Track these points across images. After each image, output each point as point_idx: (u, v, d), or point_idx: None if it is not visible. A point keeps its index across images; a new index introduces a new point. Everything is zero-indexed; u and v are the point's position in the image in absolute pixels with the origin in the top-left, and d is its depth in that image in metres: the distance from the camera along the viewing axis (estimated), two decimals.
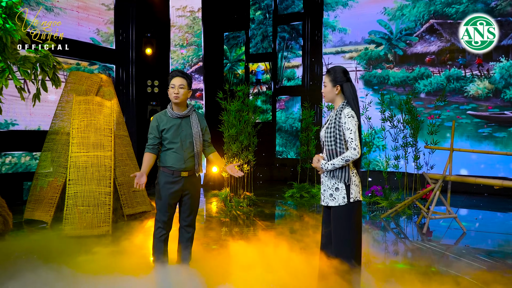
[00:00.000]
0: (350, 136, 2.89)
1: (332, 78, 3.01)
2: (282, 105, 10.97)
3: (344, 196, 2.92)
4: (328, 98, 3.04)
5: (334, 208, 2.96)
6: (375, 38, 9.83)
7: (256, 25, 11.18)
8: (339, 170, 2.92)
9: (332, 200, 2.96)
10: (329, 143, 2.95)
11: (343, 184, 2.93)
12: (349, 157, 2.86)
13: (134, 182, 3.39)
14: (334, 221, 2.95)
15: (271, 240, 4.68)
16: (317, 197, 8.17)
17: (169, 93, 3.51)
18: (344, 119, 2.91)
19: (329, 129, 2.97)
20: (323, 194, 3.05)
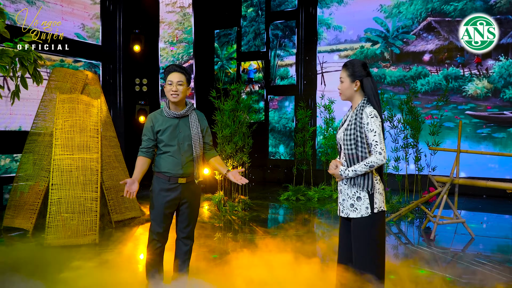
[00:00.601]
0: (374, 139, 2.56)
1: (350, 72, 2.67)
2: (275, 104, 10.65)
3: (368, 206, 2.59)
4: (346, 95, 2.70)
5: (355, 220, 2.62)
6: (371, 36, 9.57)
7: (248, 22, 10.84)
8: (361, 177, 2.59)
9: (354, 211, 2.63)
10: (348, 147, 2.62)
11: (366, 193, 2.60)
12: (374, 163, 2.54)
13: (124, 190, 3.02)
14: (355, 234, 2.62)
15: (274, 250, 4.36)
16: (313, 199, 7.87)
17: (166, 90, 3.14)
18: (366, 119, 2.58)
19: (348, 130, 2.64)
20: (341, 204, 2.72)
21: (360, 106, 2.64)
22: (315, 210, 7.14)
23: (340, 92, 2.73)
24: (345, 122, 2.74)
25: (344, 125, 2.73)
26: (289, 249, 4.55)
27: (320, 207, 7.36)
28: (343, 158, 2.69)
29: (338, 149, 2.80)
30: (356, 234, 2.61)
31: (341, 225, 2.76)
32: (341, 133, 2.71)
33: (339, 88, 2.73)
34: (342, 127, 2.75)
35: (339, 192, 2.76)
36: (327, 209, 7.19)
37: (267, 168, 10.46)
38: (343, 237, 2.74)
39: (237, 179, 3.14)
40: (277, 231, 5.64)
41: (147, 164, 3.16)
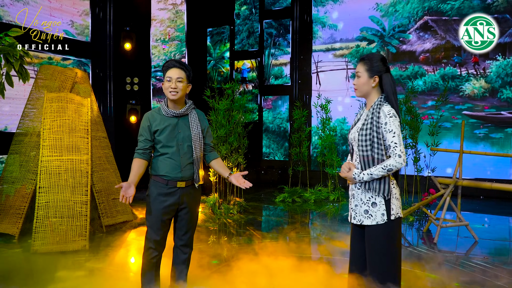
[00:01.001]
0: (393, 140, 2.37)
1: (368, 67, 2.47)
2: (269, 104, 10.46)
3: (384, 213, 2.40)
4: (362, 91, 2.51)
5: (370, 228, 2.43)
6: (367, 35, 9.42)
7: (241, 20, 10.63)
8: (376, 181, 2.40)
9: (368, 218, 2.43)
10: (363, 148, 2.43)
11: (382, 198, 2.41)
12: (393, 166, 2.35)
13: (119, 195, 2.80)
14: (370, 242, 2.43)
15: (275, 256, 4.16)
16: (310, 201, 7.69)
17: (164, 87, 2.93)
18: (384, 119, 2.39)
19: (364, 130, 2.44)
20: (353, 210, 2.52)
21: (376, 104, 2.45)
22: (313, 212, 6.96)
23: (355, 87, 2.53)
24: (359, 121, 2.55)
25: (357, 125, 2.54)
26: (291, 254, 4.37)
27: (317, 209, 7.19)
28: (356, 160, 2.50)
29: (350, 150, 2.60)
30: (371, 243, 2.42)
31: (353, 232, 2.57)
32: (354, 133, 2.51)
33: (354, 83, 2.54)
34: (355, 127, 2.56)
35: (350, 197, 2.56)
36: (324, 211, 7.02)
37: (261, 169, 10.26)
38: (356, 245, 2.54)
39: (240, 182, 2.95)
40: (276, 235, 5.44)
41: (144, 166, 2.95)
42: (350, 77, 9.56)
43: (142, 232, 5.36)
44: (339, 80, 9.66)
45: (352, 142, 2.54)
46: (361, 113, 2.60)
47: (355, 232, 2.55)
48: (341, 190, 7.94)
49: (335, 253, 4.62)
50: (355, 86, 2.54)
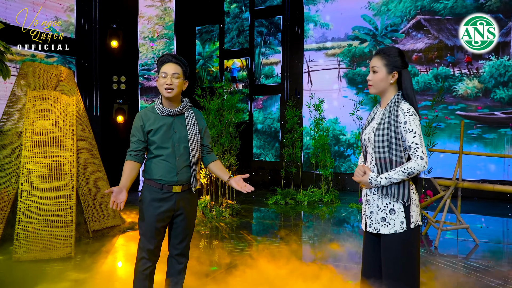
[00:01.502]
0: (414, 141, 2.17)
1: (387, 61, 2.26)
2: (260, 104, 10.26)
3: (403, 221, 2.20)
4: (378, 88, 2.31)
5: (388, 236, 2.23)
6: (359, 34, 9.29)
7: (231, 18, 10.42)
8: (395, 186, 2.21)
9: (385, 226, 2.23)
10: (380, 149, 2.23)
11: (401, 205, 2.22)
12: (414, 169, 2.16)
13: (109, 200, 2.58)
14: (387, 252, 2.23)
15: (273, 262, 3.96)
16: (303, 203, 7.51)
17: (159, 84, 2.71)
18: (403, 118, 2.20)
19: (380, 130, 2.24)
20: (368, 217, 2.32)
21: (393, 102, 2.25)
22: (307, 215, 6.78)
23: (371, 84, 2.32)
24: (373, 121, 2.36)
25: (372, 124, 2.35)
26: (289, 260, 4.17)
27: (311, 211, 7.01)
28: (371, 162, 2.31)
29: (363, 152, 2.40)
30: (388, 252, 2.23)
31: (366, 240, 2.36)
32: (369, 133, 2.31)
33: (370, 79, 2.32)
34: (369, 127, 2.36)
35: (364, 203, 2.37)
36: (318, 213, 6.85)
37: (252, 170, 10.06)
38: (369, 253, 2.34)
39: (241, 186, 2.74)
40: (271, 239, 5.24)
41: (137, 169, 2.72)
42: (342, 77, 9.42)
43: (131, 237, 5.12)
44: (331, 80, 9.51)
45: (366, 143, 2.34)
46: (375, 111, 2.41)
47: (369, 240, 2.36)
48: (335, 192, 7.78)
49: (334, 258, 4.44)
50: (370, 82, 2.32)
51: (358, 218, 6.46)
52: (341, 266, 4.14)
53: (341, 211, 6.97)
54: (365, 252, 2.37)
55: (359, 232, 5.83)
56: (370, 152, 2.31)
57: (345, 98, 9.35)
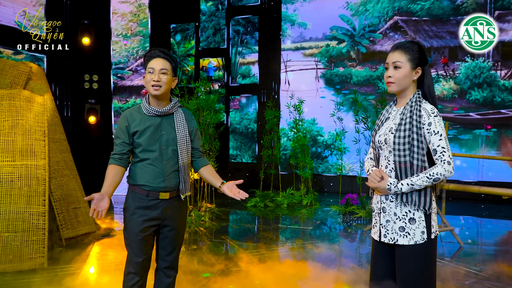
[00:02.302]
0: (440, 144, 2.00)
1: (411, 56, 2.08)
2: (236, 104, 10.08)
3: (424, 231, 2.04)
4: (401, 85, 2.11)
5: (406, 248, 2.06)
6: (337, 34, 9.24)
7: (207, 17, 10.19)
8: (416, 193, 2.03)
9: (404, 237, 2.06)
10: (400, 153, 2.05)
11: (422, 214, 2.05)
12: (441, 175, 1.99)
13: (90, 209, 2.36)
14: (404, 264, 2.07)
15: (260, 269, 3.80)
16: (282, 206, 7.37)
17: (146, 81, 2.50)
18: (427, 118, 2.02)
19: (401, 132, 2.05)
20: (384, 227, 2.14)
21: (414, 101, 2.08)
22: (287, 218, 6.65)
23: (392, 81, 2.11)
24: (388, 121, 2.18)
25: (387, 125, 2.16)
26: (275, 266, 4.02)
27: (291, 214, 6.89)
28: (387, 166, 2.13)
29: (376, 155, 2.22)
30: (406, 265, 2.07)
31: (378, 251, 2.20)
32: (386, 135, 2.12)
33: (390, 75, 2.11)
34: (383, 128, 2.17)
35: (378, 211, 2.17)
36: (298, 216, 6.73)
37: (228, 172, 9.87)
38: (379, 263, 2.19)
39: (235, 193, 2.54)
40: (254, 244, 5.08)
41: (121, 174, 2.51)
42: (320, 77, 9.35)
43: (107, 244, 4.85)
44: (309, 80, 9.43)
45: (381, 146, 2.15)
46: (389, 111, 2.23)
47: (381, 251, 2.19)
48: (314, 193, 7.69)
49: (321, 261, 4.32)
50: (391, 79, 2.11)
51: (339, 220, 6.38)
52: (333, 268, 4.03)
53: (322, 213, 6.87)
54: (376, 264, 2.21)
55: (341, 234, 5.75)
56: (386, 155, 2.14)
57: (322, 99, 9.29)
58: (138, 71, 8.80)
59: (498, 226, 6.36)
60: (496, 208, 7.32)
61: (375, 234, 2.20)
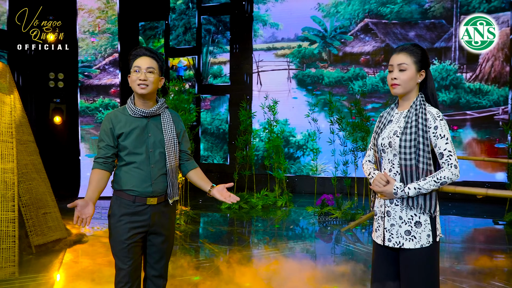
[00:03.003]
0: (447, 148, 2.01)
1: (417, 58, 2.08)
2: (208, 105, 9.94)
3: (429, 234, 2.04)
4: (406, 88, 2.10)
5: (412, 252, 2.05)
6: (308, 35, 9.28)
7: (177, 15, 9.99)
8: (421, 197, 2.03)
9: (410, 240, 2.05)
10: (406, 156, 2.04)
11: (428, 217, 2.05)
12: (448, 179, 1.99)
13: (74, 216, 2.23)
14: (410, 268, 2.06)
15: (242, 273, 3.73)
16: (257, 207, 7.31)
17: (131, 80, 2.39)
18: (433, 122, 2.03)
19: (407, 135, 2.04)
20: (388, 231, 2.11)
21: (418, 105, 2.08)
22: (263, 219, 6.60)
23: (398, 83, 2.09)
24: (390, 124, 2.16)
25: (390, 128, 2.15)
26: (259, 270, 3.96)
27: (265, 215, 6.85)
28: (391, 170, 2.11)
29: (378, 158, 2.19)
30: (412, 269, 2.05)
31: (380, 255, 2.17)
32: (391, 138, 2.10)
33: (396, 77, 2.09)
34: (386, 130, 2.15)
35: (382, 214, 2.15)
36: (273, 217, 6.69)
37: None
38: (381, 270, 2.16)
39: (225, 197, 2.47)
40: (232, 247, 4.99)
41: (105, 179, 2.38)
42: (292, 78, 9.36)
43: (80, 251, 4.64)
44: (281, 81, 9.42)
45: (384, 149, 2.14)
46: (391, 113, 2.21)
47: (382, 253, 2.16)
48: (289, 194, 7.68)
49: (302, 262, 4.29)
50: (396, 81, 2.09)
51: (314, 221, 6.38)
52: (310, 269, 4.00)
53: (297, 215, 6.87)
54: (378, 267, 2.18)
55: (317, 235, 5.75)
56: (390, 158, 2.12)
57: (295, 100, 9.30)
58: (106, 69, 8.52)
59: (465, 224, 6.55)
60: (463, 206, 7.54)
61: (378, 238, 2.17)
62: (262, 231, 5.88)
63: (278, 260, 4.49)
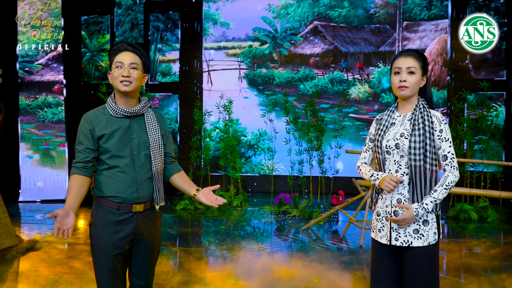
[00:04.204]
0: (450, 151, 2.15)
1: (423, 64, 2.20)
2: (156, 103, 9.69)
3: (435, 231, 2.17)
4: (413, 91, 2.19)
5: (420, 249, 2.15)
6: (259, 36, 9.34)
7: (124, 10, 9.64)
8: (421, 197, 2.15)
9: (419, 238, 2.15)
10: (416, 157, 2.13)
11: (434, 215, 2.17)
12: (453, 182, 2.14)
13: (54, 228, 2.09)
14: (418, 265, 2.14)
15: (212, 276, 3.69)
16: (212, 208, 7.25)
17: (113, 76, 2.26)
18: (439, 126, 2.16)
19: (416, 137, 2.13)
20: (395, 230, 2.18)
21: (422, 108, 2.19)
22: (219, 220, 6.56)
23: (407, 85, 2.17)
24: (393, 126, 2.23)
25: (396, 130, 2.21)
26: (219, 270, 3.93)
27: (222, 215, 6.81)
28: (397, 171, 2.19)
29: (381, 159, 2.24)
30: (420, 266, 2.14)
31: (383, 254, 2.22)
32: (399, 140, 2.18)
33: (406, 80, 2.17)
34: (391, 133, 2.22)
35: (387, 214, 2.20)
36: (229, 218, 6.67)
37: None
38: (384, 270, 2.20)
39: (211, 200, 2.40)
40: (195, 249, 4.92)
41: (86, 185, 2.24)
42: (243, 78, 9.37)
43: (35, 259, 4.36)
44: (232, 80, 9.40)
45: (390, 150, 2.20)
46: (392, 116, 2.28)
47: (386, 253, 2.22)
48: (244, 194, 7.69)
49: (259, 263, 4.32)
50: (406, 83, 2.17)
51: (272, 220, 6.45)
52: (270, 268, 4.04)
53: (254, 214, 6.90)
54: (379, 265, 2.24)
55: (276, 234, 5.82)
56: (397, 160, 2.19)
57: (246, 99, 9.32)
58: (49, 65, 8.03)
59: None
60: None
61: (383, 238, 2.22)
62: (220, 232, 5.84)
63: (237, 260, 4.48)
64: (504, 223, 6.11)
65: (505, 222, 6.18)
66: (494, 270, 4.16)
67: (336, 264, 4.32)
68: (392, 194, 2.19)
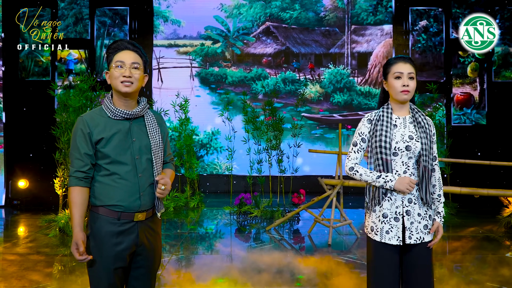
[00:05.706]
0: (436, 152, 2.34)
1: (415, 71, 2.31)
2: (102, 102, 9.25)
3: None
4: (412, 95, 2.28)
5: (423, 245, 2.28)
6: (211, 34, 9.23)
7: (67, 4, 9.09)
8: (430, 195, 2.28)
9: (428, 233, 2.28)
10: (425, 158, 2.25)
11: (432, 210, 2.36)
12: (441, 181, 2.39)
13: (73, 253, 1.99)
14: (426, 258, 2.27)
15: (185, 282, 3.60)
16: (168, 210, 7.06)
17: (113, 76, 2.12)
18: (433, 129, 2.32)
19: (424, 139, 2.26)
20: (408, 229, 2.23)
21: (416, 111, 2.34)
22: (177, 222, 6.41)
23: (409, 90, 2.25)
24: (396, 128, 2.27)
25: (401, 132, 2.27)
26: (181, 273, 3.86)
27: (179, 217, 6.66)
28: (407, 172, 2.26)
29: (390, 160, 2.23)
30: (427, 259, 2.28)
31: (389, 256, 2.22)
32: (410, 142, 2.24)
33: (408, 84, 2.24)
34: (397, 135, 2.25)
35: (397, 215, 2.23)
36: (185, 219, 6.54)
37: None
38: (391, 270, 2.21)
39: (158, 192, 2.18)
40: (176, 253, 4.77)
41: (88, 198, 2.10)
42: (195, 76, 9.22)
43: None
44: (183, 78, 9.22)
45: (397, 152, 2.23)
46: (392, 118, 2.29)
47: (392, 255, 2.25)
48: (201, 195, 7.57)
49: (223, 264, 4.28)
50: (408, 88, 2.24)
51: (232, 221, 6.40)
52: (232, 269, 4.03)
53: (213, 215, 6.81)
54: (387, 269, 2.22)
55: (237, 236, 5.78)
56: (405, 161, 2.25)
57: (197, 98, 9.18)
58: None
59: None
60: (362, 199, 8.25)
61: (392, 239, 2.22)
62: (179, 235, 5.71)
63: (200, 263, 4.42)
64: (455, 217, 6.52)
65: (456, 216, 6.61)
66: (462, 263, 4.43)
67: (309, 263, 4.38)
68: (403, 194, 2.24)
